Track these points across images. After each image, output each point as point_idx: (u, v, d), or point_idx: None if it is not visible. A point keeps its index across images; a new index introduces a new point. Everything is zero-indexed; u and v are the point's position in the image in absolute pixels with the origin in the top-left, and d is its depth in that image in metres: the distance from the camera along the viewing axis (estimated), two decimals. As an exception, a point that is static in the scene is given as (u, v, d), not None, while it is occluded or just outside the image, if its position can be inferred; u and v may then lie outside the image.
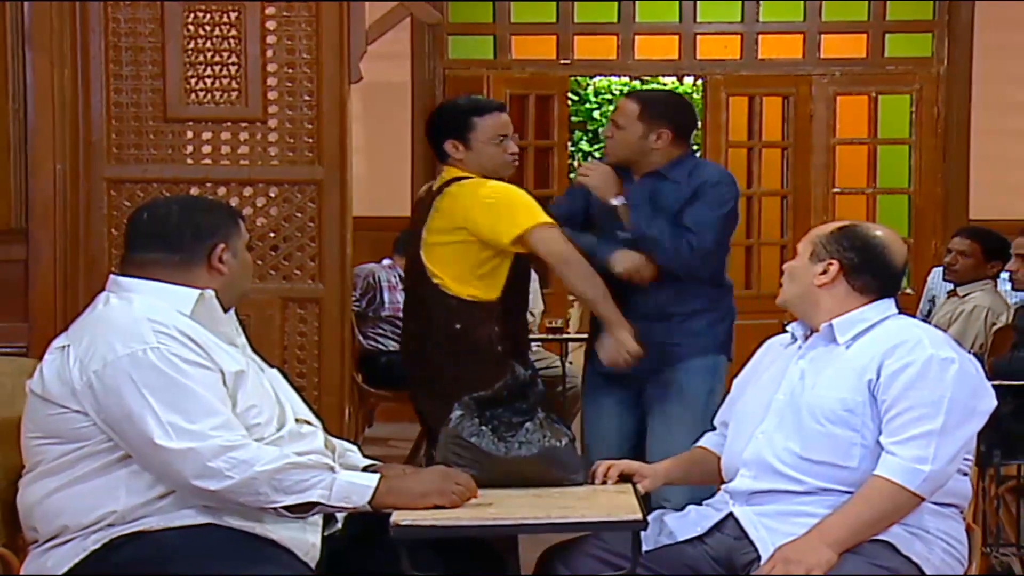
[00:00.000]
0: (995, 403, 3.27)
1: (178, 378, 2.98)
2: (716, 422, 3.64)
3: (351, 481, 3.05)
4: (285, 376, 3.44)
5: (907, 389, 3.15)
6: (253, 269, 3.44)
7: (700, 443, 3.65)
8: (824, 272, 3.37)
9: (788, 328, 3.51)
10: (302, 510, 3.02)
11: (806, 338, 3.41)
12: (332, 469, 3.06)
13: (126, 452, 3.01)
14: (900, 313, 3.39)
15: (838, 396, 3.22)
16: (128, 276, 3.19)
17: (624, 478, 3.41)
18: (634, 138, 4.59)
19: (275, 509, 3.00)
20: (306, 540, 3.09)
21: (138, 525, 3.02)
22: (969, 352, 3.64)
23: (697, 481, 3.68)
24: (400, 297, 7.55)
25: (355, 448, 3.47)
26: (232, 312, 3.29)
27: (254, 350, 3.37)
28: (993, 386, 3.31)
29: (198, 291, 3.16)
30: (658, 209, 4.54)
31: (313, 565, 3.09)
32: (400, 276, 7.58)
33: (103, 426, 3.01)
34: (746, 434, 3.36)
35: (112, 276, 3.24)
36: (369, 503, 3.03)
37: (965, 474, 3.31)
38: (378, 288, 7.54)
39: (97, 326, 3.08)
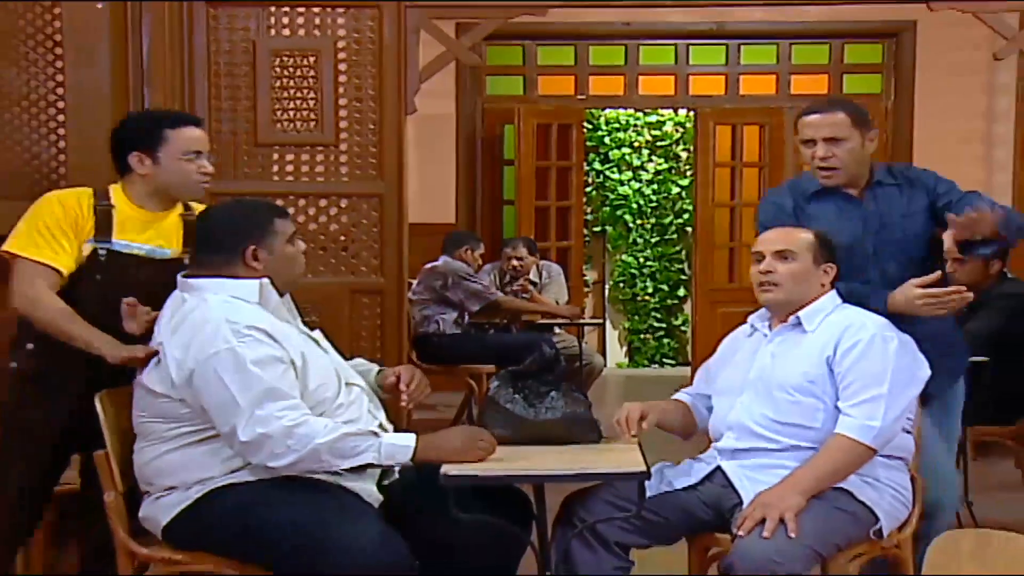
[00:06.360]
0: (929, 373, 3.27)
1: (255, 371, 2.94)
2: (688, 390, 3.57)
3: (393, 443, 3.02)
4: (325, 335, 3.33)
5: (857, 361, 3.17)
6: (301, 259, 3.23)
7: (674, 396, 3.57)
8: (827, 273, 3.36)
9: (748, 320, 3.49)
10: (359, 469, 3.02)
11: (770, 327, 3.39)
12: (376, 434, 3.04)
13: None
14: (844, 303, 3.37)
15: (802, 370, 3.23)
16: (193, 277, 3.13)
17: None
18: (858, 147, 3.61)
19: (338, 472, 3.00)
20: (368, 488, 3.09)
21: (232, 478, 3.03)
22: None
23: (670, 426, 3.46)
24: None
25: (366, 362, 3.47)
26: (288, 296, 3.23)
27: (306, 323, 3.30)
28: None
29: (258, 281, 3.10)
30: (896, 215, 3.65)
31: (376, 507, 3.09)
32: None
33: (198, 411, 3.00)
34: (728, 403, 3.36)
35: (179, 278, 3.15)
36: (411, 460, 3.02)
37: (908, 432, 3.31)
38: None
39: (185, 328, 3.03)
